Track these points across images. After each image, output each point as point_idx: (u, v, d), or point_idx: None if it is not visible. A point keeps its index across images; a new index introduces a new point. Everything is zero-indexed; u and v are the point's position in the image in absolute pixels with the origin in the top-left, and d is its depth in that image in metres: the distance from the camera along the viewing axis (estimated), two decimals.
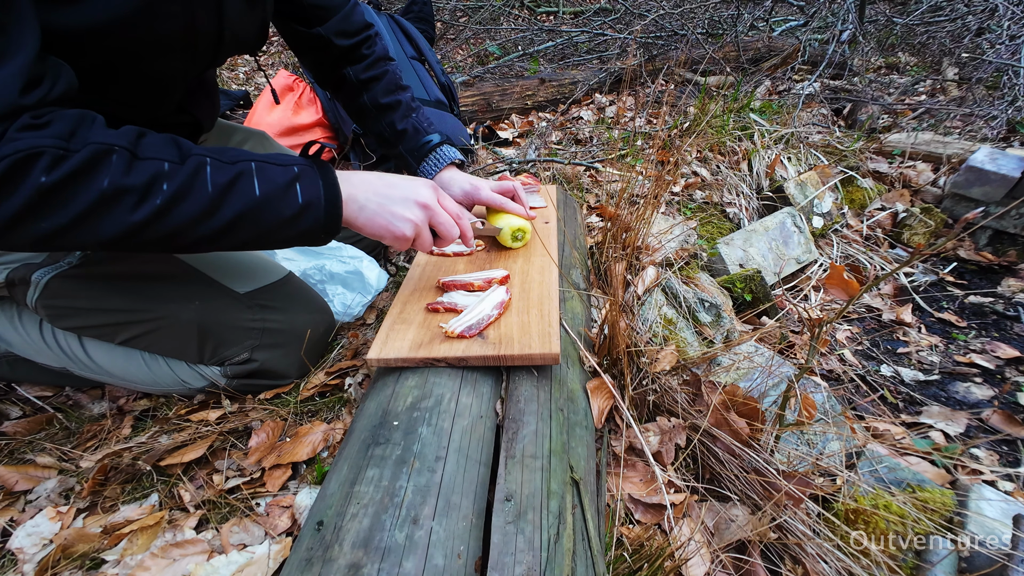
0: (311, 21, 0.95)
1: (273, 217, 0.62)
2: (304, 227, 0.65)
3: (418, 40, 1.92)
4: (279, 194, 0.62)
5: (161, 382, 0.88)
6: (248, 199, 0.60)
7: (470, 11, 3.99)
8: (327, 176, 0.66)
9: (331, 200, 0.66)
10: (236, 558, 0.61)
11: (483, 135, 2.09)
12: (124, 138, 0.54)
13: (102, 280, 0.80)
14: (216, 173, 0.58)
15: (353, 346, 0.99)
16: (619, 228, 1.12)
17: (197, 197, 0.57)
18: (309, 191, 0.64)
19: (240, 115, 2.14)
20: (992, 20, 2.75)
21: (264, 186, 0.61)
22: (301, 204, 0.63)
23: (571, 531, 0.54)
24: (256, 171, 0.61)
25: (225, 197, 0.59)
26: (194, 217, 0.57)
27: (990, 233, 1.89)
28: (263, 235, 0.63)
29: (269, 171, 0.62)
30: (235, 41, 0.78)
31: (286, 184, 0.63)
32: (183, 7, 0.65)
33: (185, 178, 0.56)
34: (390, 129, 1.04)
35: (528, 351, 0.68)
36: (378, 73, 1.04)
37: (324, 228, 0.66)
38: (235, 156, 0.62)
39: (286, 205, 0.62)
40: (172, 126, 0.85)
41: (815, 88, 2.51)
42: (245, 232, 0.62)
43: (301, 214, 0.64)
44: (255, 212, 0.61)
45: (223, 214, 0.59)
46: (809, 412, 0.78)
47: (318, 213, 0.65)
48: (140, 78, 0.69)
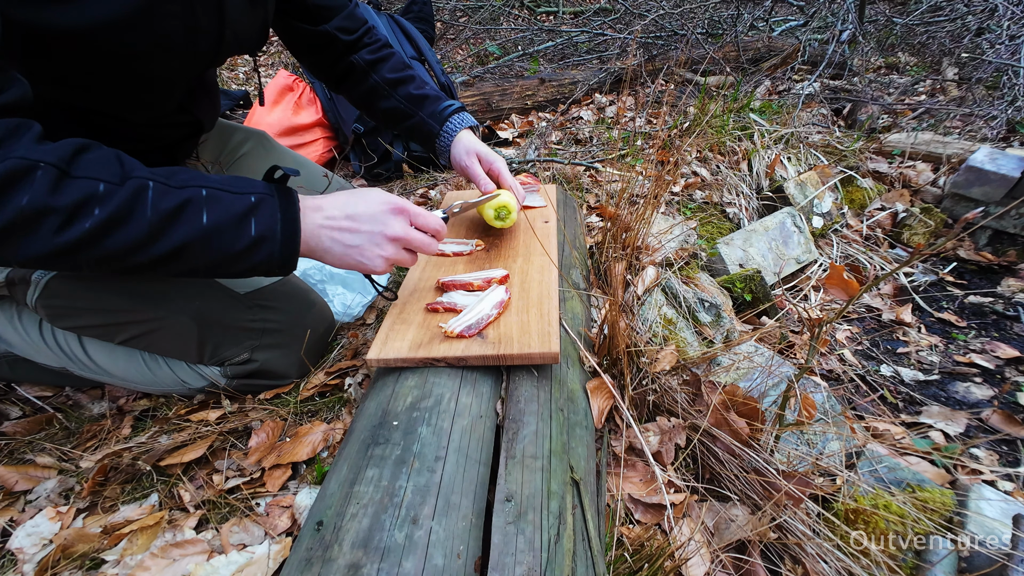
0: (316, 20, 0.96)
1: (222, 249, 0.59)
2: (257, 261, 0.61)
3: (418, 40, 1.92)
4: (230, 225, 0.58)
5: (161, 382, 0.88)
6: (194, 228, 0.57)
7: (470, 11, 3.99)
8: (287, 208, 0.62)
9: (288, 235, 0.62)
10: (236, 558, 0.61)
11: (483, 135, 2.09)
12: (55, 154, 0.51)
13: (102, 280, 0.80)
14: (159, 198, 0.55)
15: (353, 346, 0.99)
16: (619, 228, 1.12)
17: (135, 223, 0.54)
18: (264, 223, 0.60)
19: (240, 115, 2.14)
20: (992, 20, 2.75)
21: (213, 215, 0.58)
22: (254, 237, 0.60)
23: (571, 531, 0.54)
24: (207, 199, 0.58)
25: (168, 224, 0.55)
26: (131, 243, 0.54)
27: (990, 233, 1.89)
28: (212, 266, 0.60)
29: (222, 199, 0.59)
30: (236, 41, 0.78)
31: (240, 215, 0.59)
32: (183, 7, 0.65)
33: (122, 202, 0.53)
34: (407, 99, 1.02)
35: (527, 350, 0.68)
36: (385, 55, 1.05)
37: (280, 263, 0.63)
38: (185, 180, 0.58)
39: (237, 237, 0.59)
40: (173, 126, 0.85)
41: (815, 88, 2.51)
42: (190, 262, 0.59)
43: (254, 247, 0.60)
44: (202, 242, 0.57)
45: (164, 242, 0.56)
46: (809, 412, 0.78)
47: (272, 248, 0.61)
48: (141, 77, 0.69)
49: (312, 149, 1.83)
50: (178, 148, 0.90)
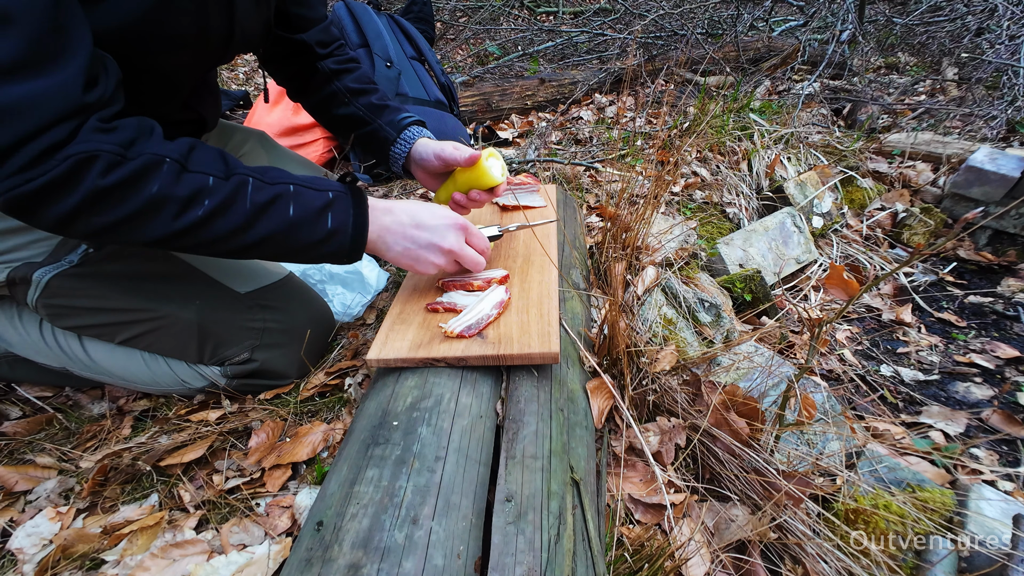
0: (294, 28, 0.95)
1: (302, 238, 0.67)
2: (329, 251, 0.69)
3: (418, 40, 1.92)
4: (311, 218, 0.66)
5: (161, 382, 0.88)
6: (282, 220, 0.65)
7: (470, 11, 3.99)
8: (359, 206, 0.70)
9: (358, 229, 0.70)
10: (236, 558, 0.61)
11: (483, 135, 2.09)
12: (177, 151, 0.59)
13: (102, 279, 0.80)
14: (256, 192, 0.63)
15: (353, 346, 0.99)
16: (619, 228, 1.12)
17: (235, 213, 0.62)
18: (339, 218, 0.68)
19: (240, 115, 2.14)
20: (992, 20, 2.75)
21: (298, 209, 0.66)
22: (329, 229, 0.68)
23: (571, 531, 0.54)
24: (294, 194, 0.66)
25: (260, 216, 0.63)
26: (229, 231, 0.62)
27: (990, 233, 1.89)
28: (291, 252, 0.68)
29: (306, 195, 0.67)
30: (244, 38, 0.79)
31: (319, 209, 0.67)
32: (197, 4, 0.66)
33: (226, 194, 0.61)
34: (366, 107, 1.02)
35: (527, 350, 0.68)
36: (351, 67, 1.04)
37: (348, 254, 0.71)
38: (276, 177, 0.66)
39: (316, 229, 0.67)
40: (178, 123, 0.85)
41: (815, 88, 2.51)
42: (274, 248, 0.67)
43: (328, 239, 0.68)
44: (286, 232, 0.65)
45: (256, 231, 0.64)
46: (809, 412, 0.78)
47: (344, 240, 0.69)
48: (150, 74, 0.69)
49: (312, 149, 1.83)
50: None
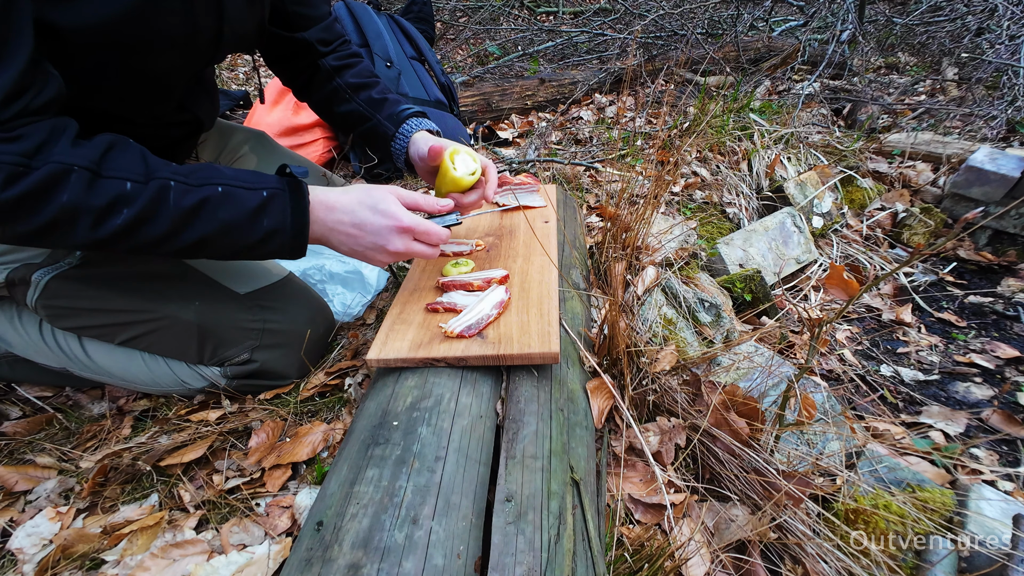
0: (293, 27, 0.94)
1: (237, 241, 0.65)
2: (268, 251, 0.67)
3: (418, 40, 1.92)
4: (244, 220, 0.64)
5: (161, 382, 0.88)
6: (212, 224, 0.62)
7: (470, 11, 3.99)
8: (298, 204, 0.67)
9: (297, 228, 0.67)
10: (236, 558, 0.61)
11: (483, 135, 2.09)
12: (87, 157, 0.56)
13: (102, 280, 0.80)
14: (180, 197, 0.60)
15: (353, 346, 0.99)
16: (619, 228, 1.12)
17: (159, 220, 0.60)
18: (276, 218, 0.66)
19: (240, 115, 2.14)
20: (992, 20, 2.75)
21: (229, 212, 0.63)
22: (267, 229, 0.65)
23: (571, 531, 0.54)
24: (222, 196, 0.63)
25: (189, 221, 0.61)
26: (156, 237, 0.60)
27: (990, 233, 1.89)
28: (232, 253, 0.67)
29: (237, 196, 0.64)
30: (235, 38, 0.78)
31: (253, 210, 0.64)
32: (183, 3, 0.65)
33: (147, 201, 0.58)
34: (367, 103, 1.01)
35: (527, 350, 0.68)
36: (352, 62, 1.03)
37: (289, 253, 0.69)
38: (203, 178, 0.63)
39: (252, 231, 0.65)
40: (174, 124, 0.85)
41: (815, 88, 2.51)
42: (213, 250, 0.65)
43: (267, 239, 0.66)
44: (220, 235, 0.63)
45: (186, 236, 0.62)
46: (809, 412, 0.78)
47: (283, 239, 0.67)
48: (141, 75, 0.69)
49: (312, 149, 1.83)
50: (178, 147, 0.90)
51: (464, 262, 0.88)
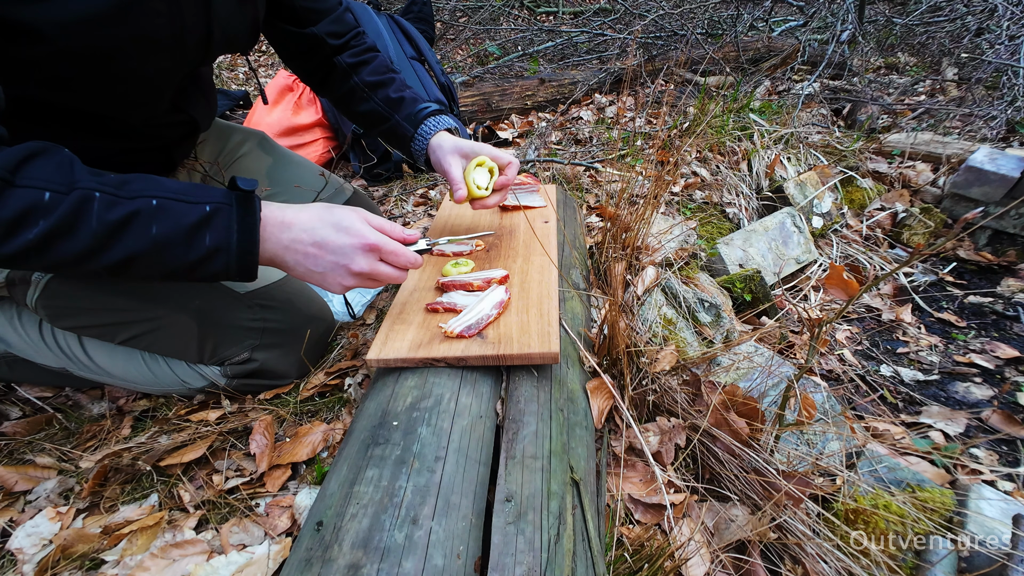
0: (303, 22, 0.94)
1: (173, 259, 0.59)
2: (210, 271, 0.61)
3: (418, 40, 1.92)
4: (181, 237, 0.58)
5: (161, 382, 0.88)
6: (141, 240, 0.57)
7: (470, 11, 3.99)
8: (245, 220, 0.61)
9: (245, 247, 0.61)
10: (236, 558, 0.61)
11: (483, 135, 2.09)
12: (2, 163, 0.51)
13: (102, 281, 0.80)
14: (105, 210, 0.55)
15: (353, 346, 0.99)
16: (619, 228, 1.12)
17: (80, 234, 0.54)
18: (219, 236, 0.60)
19: (240, 115, 2.14)
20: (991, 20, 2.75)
21: (163, 227, 0.57)
22: (208, 248, 0.59)
23: (571, 531, 0.54)
24: (156, 209, 0.57)
25: (115, 236, 0.56)
26: (76, 254, 0.55)
27: (989, 233, 1.89)
28: (166, 275, 0.61)
29: (172, 210, 0.58)
30: (225, 39, 0.78)
31: (191, 227, 0.59)
32: (168, 5, 0.64)
33: (65, 212, 0.53)
34: (384, 102, 1.00)
35: (527, 350, 0.68)
36: (368, 58, 1.03)
37: (237, 273, 0.63)
38: (136, 191, 0.57)
39: (190, 249, 0.59)
40: (169, 125, 0.84)
41: (815, 88, 2.51)
42: (144, 270, 0.59)
43: (208, 259, 0.60)
44: (151, 253, 0.58)
45: (112, 253, 0.56)
46: (809, 412, 0.78)
47: (228, 259, 0.61)
48: (130, 76, 0.68)
49: (312, 149, 1.83)
50: (176, 148, 0.90)
51: (464, 262, 0.89)
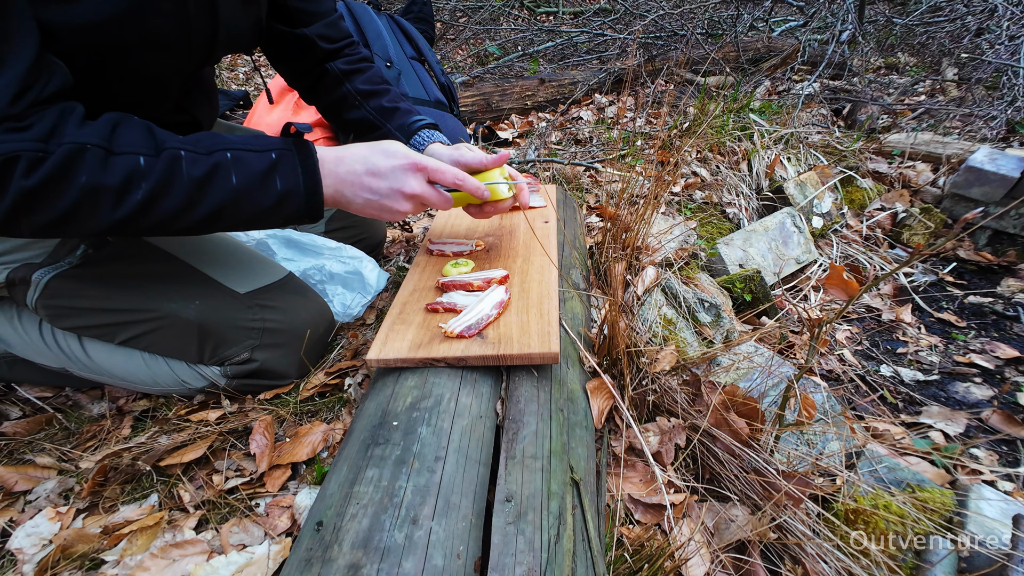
0: (295, 22, 0.93)
1: (253, 206, 0.64)
2: (286, 214, 0.66)
3: (418, 40, 1.92)
4: (257, 184, 0.63)
5: (161, 382, 0.88)
6: (226, 191, 0.61)
7: (470, 11, 3.99)
8: (307, 162, 0.66)
9: (311, 188, 0.66)
10: (236, 558, 0.61)
11: (483, 135, 2.09)
12: (98, 134, 0.56)
13: (102, 280, 0.80)
14: (191, 166, 0.59)
15: (353, 346, 0.98)
16: (619, 228, 1.12)
17: (175, 192, 0.59)
18: (288, 179, 0.65)
19: (240, 115, 2.14)
20: (991, 20, 2.75)
21: (241, 177, 0.62)
22: (280, 192, 0.64)
23: (571, 532, 0.54)
24: (232, 161, 0.62)
25: (203, 191, 0.60)
26: (174, 210, 0.60)
27: (989, 233, 1.89)
28: (247, 221, 0.66)
29: (246, 160, 0.63)
30: (230, 39, 0.78)
31: (263, 172, 0.63)
32: (176, 5, 0.65)
33: (161, 173, 0.58)
34: (377, 111, 1.01)
35: (527, 350, 0.68)
36: (363, 67, 1.02)
37: (307, 214, 0.68)
38: (211, 145, 0.62)
39: (265, 195, 0.64)
40: (171, 125, 0.84)
41: (815, 88, 2.51)
42: (229, 220, 0.64)
43: (281, 203, 0.65)
44: (234, 203, 0.62)
45: (203, 207, 0.61)
46: (809, 412, 0.78)
47: (298, 201, 0.66)
48: (135, 76, 0.69)
49: None
50: None
51: (464, 262, 0.89)
